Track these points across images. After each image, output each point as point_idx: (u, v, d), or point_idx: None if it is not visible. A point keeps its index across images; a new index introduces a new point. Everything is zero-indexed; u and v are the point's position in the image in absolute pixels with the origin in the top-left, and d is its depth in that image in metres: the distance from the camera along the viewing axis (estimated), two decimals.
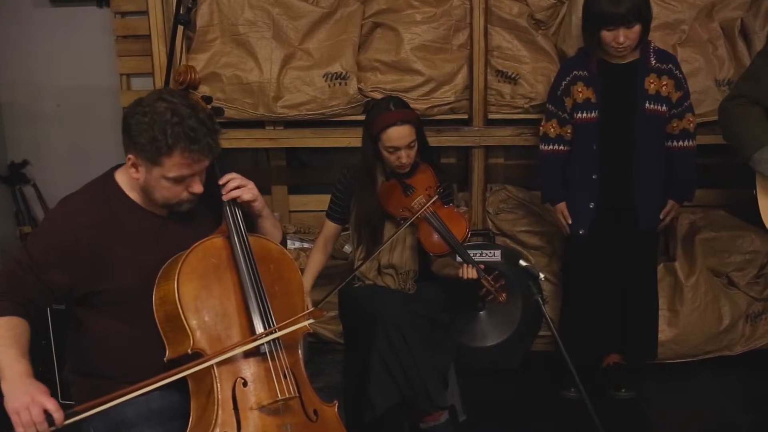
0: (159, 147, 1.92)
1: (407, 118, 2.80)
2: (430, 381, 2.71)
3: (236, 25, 3.64)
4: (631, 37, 2.96)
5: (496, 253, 3.51)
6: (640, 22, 2.95)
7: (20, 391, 1.82)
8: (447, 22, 3.59)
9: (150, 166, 1.96)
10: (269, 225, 2.27)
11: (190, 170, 1.97)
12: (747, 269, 3.66)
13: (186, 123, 1.92)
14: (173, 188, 2.00)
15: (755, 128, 2.45)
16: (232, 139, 3.64)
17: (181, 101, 1.96)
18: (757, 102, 2.47)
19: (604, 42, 3.00)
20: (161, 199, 2.02)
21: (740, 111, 2.50)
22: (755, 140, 2.43)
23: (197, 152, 1.94)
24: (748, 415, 3.19)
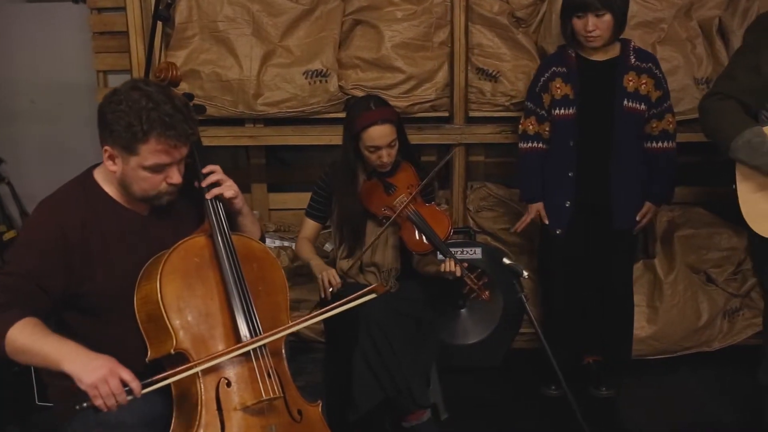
0: (135, 133, 1.90)
1: (388, 117, 2.79)
2: (413, 380, 2.70)
3: (215, 22, 3.60)
4: (601, 26, 2.96)
5: (476, 251, 3.52)
6: (610, 11, 2.95)
7: (93, 364, 1.78)
8: (428, 19, 3.58)
9: (127, 155, 1.94)
10: (248, 222, 2.26)
11: (168, 157, 1.95)
12: (725, 266, 3.70)
13: (161, 108, 1.91)
14: (151, 179, 1.97)
15: (731, 118, 2.48)
16: (212, 137, 3.61)
17: (156, 89, 1.95)
18: (731, 97, 2.50)
19: (575, 30, 3.02)
20: (139, 191, 2.00)
21: (716, 105, 2.53)
22: (732, 129, 2.45)
23: (174, 138, 1.93)
24: (726, 410, 3.22)
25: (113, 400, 1.77)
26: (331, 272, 2.75)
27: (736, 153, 2.45)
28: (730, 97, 2.50)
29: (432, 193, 3.01)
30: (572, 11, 2.99)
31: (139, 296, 1.95)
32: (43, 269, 1.91)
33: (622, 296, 3.32)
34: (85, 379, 1.76)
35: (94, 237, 1.97)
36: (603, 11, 2.95)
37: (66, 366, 1.78)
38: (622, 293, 3.32)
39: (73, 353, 1.80)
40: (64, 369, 1.78)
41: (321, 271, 2.75)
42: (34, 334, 1.82)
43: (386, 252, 2.91)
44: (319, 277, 2.74)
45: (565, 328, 3.31)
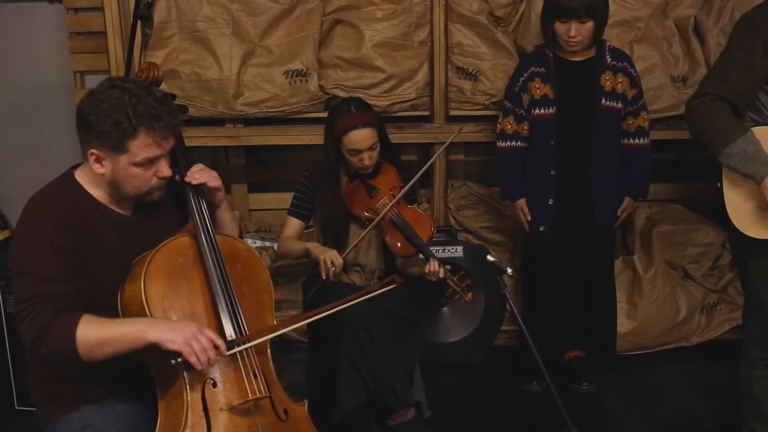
0: (124, 129, 1.88)
1: (368, 121, 2.79)
2: (397, 378, 2.71)
3: (194, 22, 3.59)
4: (583, 32, 3.01)
5: (458, 249, 3.54)
6: (593, 18, 3.00)
7: (179, 325, 1.83)
8: (407, 18, 3.59)
9: (116, 155, 1.92)
10: (228, 218, 2.25)
11: (159, 149, 1.94)
12: (702, 261, 3.75)
13: (145, 102, 1.90)
14: (142, 175, 1.96)
15: (723, 124, 2.48)
16: (192, 138, 3.56)
17: (133, 85, 1.94)
18: (723, 99, 2.51)
19: (557, 34, 3.04)
20: (132, 189, 1.98)
21: (707, 107, 2.53)
22: (725, 136, 2.45)
23: (162, 129, 1.92)
24: (705, 403, 3.27)
25: (206, 356, 1.80)
26: (333, 253, 2.74)
27: (728, 159, 2.45)
28: (722, 98, 2.50)
29: (414, 194, 3.01)
30: (556, 16, 3.02)
31: (124, 297, 1.93)
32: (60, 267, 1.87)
33: (606, 292, 3.35)
34: (177, 337, 1.78)
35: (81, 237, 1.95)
36: (586, 18, 2.99)
37: (152, 335, 1.79)
38: (606, 289, 3.35)
39: (152, 322, 1.84)
40: (150, 339, 1.79)
41: (323, 252, 2.75)
42: (102, 324, 1.82)
43: (369, 253, 2.92)
44: (321, 258, 2.73)
45: (547, 324, 3.34)
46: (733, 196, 2.51)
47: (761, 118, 2.50)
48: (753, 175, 2.43)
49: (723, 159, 2.47)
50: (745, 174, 2.45)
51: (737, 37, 2.56)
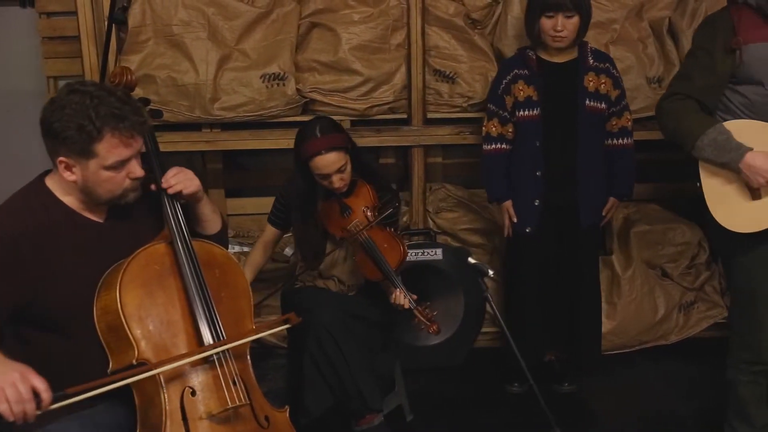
0: (89, 133, 1.86)
1: (334, 145, 2.73)
2: (364, 384, 2.70)
3: (170, 26, 3.55)
4: (569, 27, 3.02)
5: (437, 252, 3.54)
6: (579, 13, 3.02)
7: (6, 367, 1.68)
8: (384, 21, 3.59)
9: (85, 160, 1.90)
10: (209, 210, 2.23)
11: (128, 150, 1.92)
12: (679, 260, 3.78)
13: (107, 102, 1.88)
14: (114, 178, 1.94)
15: (692, 119, 2.52)
16: (168, 143, 3.54)
17: (93, 88, 1.92)
18: (690, 97, 2.55)
19: (542, 30, 3.05)
20: (105, 194, 1.96)
21: (676, 106, 2.57)
22: (695, 130, 2.49)
23: (128, 129, 1.90)
24: (685, 401, 3.29)
25: (21, 408, 1.64)
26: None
27: (701, 152, 2.49)
28: (689, 97, 2.54)
29: (394, 216, 2.96)
30: (542, 10, 3.03)
31: (99, 306, 1.91)
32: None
33: (592, 293, 3.36)
34: None
35: (50, 247, 1.92)
36: (573, 12, 3.01)
37: None
38: (592, 289, 3.36)
39: None
40: None
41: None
42: None
43: (345, 269, 2.91)
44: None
45: (532, 326, 3.34)
46: (713, 190, 2.54)
47: (730, 115, 2.54)
48: (728, 163, 2.45)
49: (696, 152, 2.50)
50: (720, 163, 2.48)
51: (698, 39, 2.62)
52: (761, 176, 2.41)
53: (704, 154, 2.48)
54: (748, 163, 2.41)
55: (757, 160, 2.41)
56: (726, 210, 2.52)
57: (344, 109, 3.59)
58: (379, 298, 2.91)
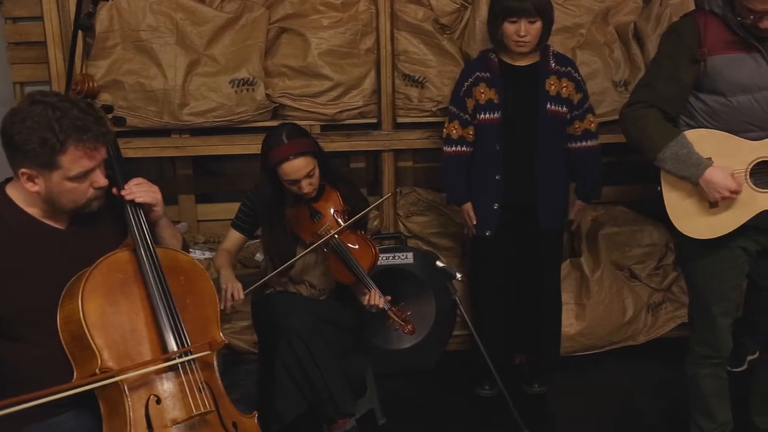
0: (52, 146, 1.85)
1: (301, 150, 2.74)
2: (336, 388, 2.71)
3: (138, 31, 3.53)
4: (532, 32, 3.04)
5: (408, 256, 3.55)
6: (541, 19, 3.04)
7: None
8: (353, 26, 3.60)
9: (48, 172, 1.89)
10: (168, 235, 2.21)
11: (91, 162, 1.91)
12: (647, 262, 3.82)
13: (70, 114, 1.87)
14: (78, 188, 1.93)
15: (655, 130, 2.55)
16: (137, 149, 3.54)
17: (55, 99, 1.91)
18: (653, 106, 2.57)
19: (505, 35, 3.07)
20: (69, 203, 1.95)
21: (639, 114, 2.59)
22: (657, 141, 2.52)
23: (91, 140, 1.89)
24: (653, 400, 3.34)
25: None
26: (237, 286, 2.73)
27: (663, 164, 2.52)
28: (652, 105, 2.57)
29: (363, 219, 2.97)
30: (505, 16, 3.05)
31: (62, 316, 1.90)
32: None
33: (551, 295, 3.39)
34: None
35: (11, 256, 1.90)
36: (535, 18, 3.02)
37: None
38: (551, 292, 3.38)
39: None
40: None
41: (227, 282, 2.74)
42: None
43: (317, 273, 2.91)
44: (223, 287, 2.72)
45: (497, 328, 3.36)
46: (673, 198, 2.58)
47: (694, 122, 2.57)
48: (688, 177, 2.49)
49: (658, 164, 2.54)
50: (680, 176, 2.51)
51: (663, 47, 2.64)
52: (719, 192, 2.46)
53: (665, 166, 2.52)
54: (707, 179, 2.46)
55: (716, 177, 2.45)
56: (685, 217, 2.56)
57: (314, 114, 3.59)
58: (351, 301, 2.92)
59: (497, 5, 3.09)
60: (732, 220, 2.50)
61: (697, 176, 2.47)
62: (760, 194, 2.48)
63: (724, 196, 2.45)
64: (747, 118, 2.48)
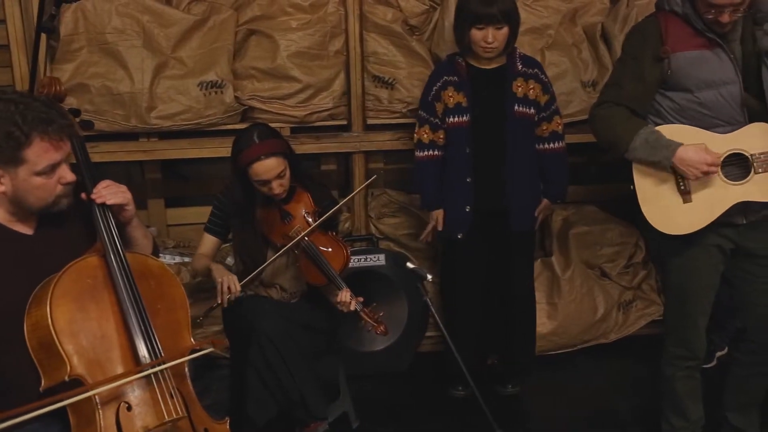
0: (17, 139, 1.83)
1: (273, 150, 2.73)
2: (308, 391, 2.70)
3: (104, 34, 3.49)
4: (499, 38, 3.06)
5: (380, 258, 3.54)
6: (508, 24, 3.06)
7: None
8: (322, 28, 3.58)
9: (14, 168, 1.87)
10: (140, 235, 2.19)
11: (58, 153, 1.90)
12: (617, 260, 3.86)
13: (33, 107, 1.86)
14: (46, 184, 1.91)
15: (624, 124, 2.58)
16: (104, 153, 3.49)
17: (16, 95, 1.91)
18: (620, 104, 2.60)
19: (473, 41, 3.08)
20: (37, 201, 1.93)
21: (607, 113, 2.62)
22: (627, 134, 2.55)
23: (56, 131, 1.89)
24: (626, 398, 3.37)
25: None
26: (232, 278, 2.72)
27: (634, 153, 2.54)
28: (619, 104, 2.60)
29: (334, 220, 2.97)
30: (473, 22, 3.06)
31: (29, 323, 1.86)
32: None
33: (525, 296, 3.40)
34: None
35: None
36: (502, 24, 3.04)
37: None
38: (525, 293, 3.40)
39: None
40: None
41: (222, 275, 2.72)
42: None
43: (288, 276, 2.90)
44: (219, 281, 2.70)
45: (469, 330, 3.37)
46: (646, 195, 2.60)
47: (661, 119, 2.60)
48: (661, 161, 2.51)
49: (630, 154, 2.56)
50: (653, 162, 2.53)
51: (628, 47, 2.68)
52: (695, 168, 2.46)
53: (637, 155, 2.54)
54: (681, 156, 2.46)
55: (689, 153, 2.46)
56: (658, 213, 2.58)
57: (284, 116, 3.57)
58: (323, 303, 2.91)
59: (464, 12, 3.10)
60: (706, 215, 2.53)
61: (670, 157, 2.48)
62: (733, 186, 2.51)
63: (703, 170, 2.45)
64: (714, 113, 2.51)
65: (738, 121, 2.51)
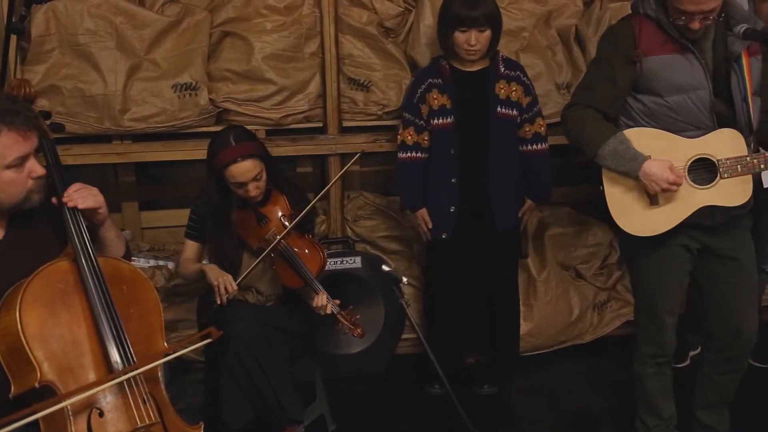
0: None
1: (249, 152, 2.71)
2: (283, 395, 2.69)
3: (76, 35, 3.45)
4: (482, 41, 3.08)
5: (356, 260, 3.54)
6: (491, 27, 3.09)
7: None
8: (297, 30, 3.57)
9: None
10: (113, 235, 2.18)
11: (26, 145, 1.91)
12: (592, 261, 3.89)
13: None
14: (16, 179, 1.91)
15: (594, 129, 2.60)
16: (77, 155, 3.46)
17: None
18: (591, 107, 2.62)
19: (456, 43, 3.10)
20: (8, 198, 1.92)
21: (577, 115, 2.65)
22: (596, 140, 2.57)
23: (23, 122, 1.90)
24: (601, 398, 3.39)
25: None
26: (228, 278, 2.71)
27: (602, 160, 2.57)
28: (590, 106, 2.62)
29: (309, 223, 2.96)
30: (456, 25, 3.07)
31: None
32: None
33: (509, 296, 3.42)
34: None
35: None
36: (485, 27, 3.07)
37: None
38: (509, 293, 3.42)
39: None
40: None
41: (217, 277, 2.72)
42: None
43: (263, 279, 2.88)
44: (215, 282, 2.70)
45: (452, 331, 3.38)
46: (615, 196, 2.63)
47: (633, 122, 2.63)
48: (628, 172, 2.54)
49: (598, 161, 2.59)
50: (620, 172, 2.56)
51: (600, 50, 2.71)
52: (657, 184, 2.50)
53: (605, 163, 2.57)
54: (646, 171, 2.50)
55: (654, 168, 2.50)
56: (627, 214, 2.61)
57: (259, 118, 3.55)
58: (299, 306, 2.90)
59: (447, 15, 3.12)
60: (673, 217, 2.56)
61: (636, 170, 2.51)
62: (698, 191, 2.54)
63: (663, 188, 2.49)
64: (683, 117, 2.54)
65: (707, 126, 2.54)
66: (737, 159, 2.49)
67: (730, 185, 2.52)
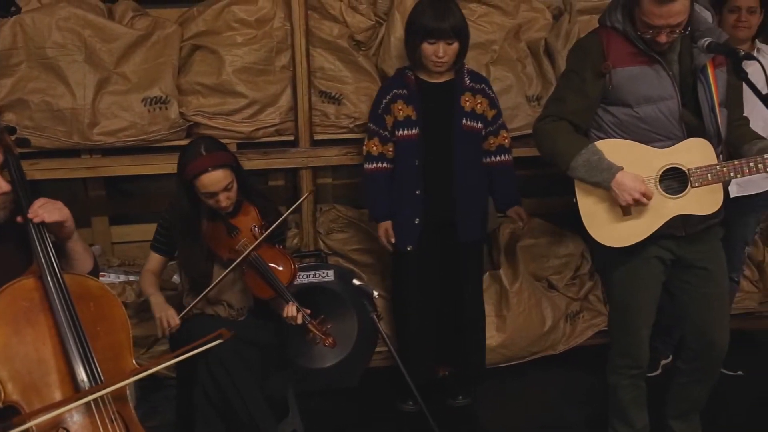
0: None
1: (220, 162, 2.71)
2: (257, 411, 2.66)
3: (44, 48, 3.41)
4: (450, 53, 3.10)
5: (329, 273, 3.53)
6: (458, 40, 3.11)
7: None
8: (268, 43, 3.56)
9: None
10: (80, 248, 2.15)
11: None
12: (564, 272, 3.91)
13: None
14: None
15: (566, 140, 2.62)
16: (45, 170, 3.42)
17: None
18: (563, 119, 2.64)
19: (423, 55, 3.12)
20: None
21: (549, 128, 2.67)
22: (569, 151, 2.59)
23: None
24: (574, 408, 3.41)
25: None
26: (170, 313, 2.71)
27: (575, 172, 2.59)
28: (562, 118, 2.65)
29: (281, 234, 2.96)
30: (424, 37, 3.09)
31: None
32: None
33: (474, 307, 3.43)
34: None
35: None
36: (453, 40, 3.08)
37: None
38: (473, 304, 3.42)
39: None
40: None
41: (160, 311, 2.72)
42: None
43: (233, 291, 2.86)
44: (157, 316, 2.71)
45: (420, 342, 3.37)
46: (588, 207, 2.65)
47: (604, 134, 2.66)
48: (600, 183, 2.57)
49: (571, 173, 2.60)
50: (593, 183, 2.58)
51: (570, 62, 2.74)
52: (629, 195, 2.52)
53: (578, 174, 2.59)
54: (619, 182, 2.53)
55: (626, 179, 2.53)
56: (600, 225, 2.63)
57: (230, 132, 3.54)
58: (271, 318, 2.88)
59: (416, 26, 3.13)
60: (645, 227, 2.58)
61: (609, 180, 2.54)
62: (670, 200, 2.57)
63: (636, 198, 2.51)
64: (653, 128, 2.57)
65: (676, 136, 2.57)
66: (707, 168, 2.53)
67: (701, 194, 2.55)
